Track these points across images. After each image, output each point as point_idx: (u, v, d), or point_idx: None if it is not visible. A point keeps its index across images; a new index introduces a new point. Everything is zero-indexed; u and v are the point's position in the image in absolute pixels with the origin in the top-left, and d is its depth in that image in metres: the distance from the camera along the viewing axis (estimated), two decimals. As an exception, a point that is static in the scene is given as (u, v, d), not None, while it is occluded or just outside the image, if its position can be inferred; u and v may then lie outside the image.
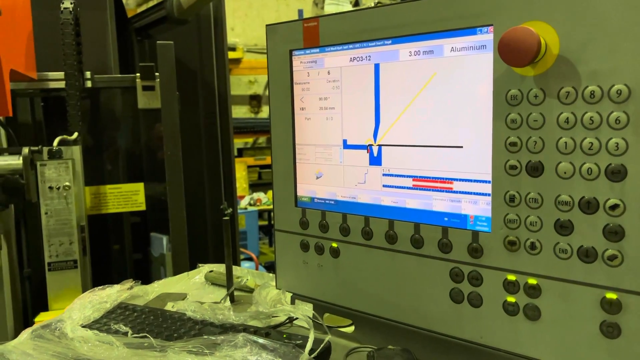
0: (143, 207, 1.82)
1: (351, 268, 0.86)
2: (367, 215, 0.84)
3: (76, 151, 1.58)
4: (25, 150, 1.44)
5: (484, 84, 0.71)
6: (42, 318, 1.37)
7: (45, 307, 1.55)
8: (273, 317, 0.86)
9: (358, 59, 0.83)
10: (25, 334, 0.82)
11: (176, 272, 1.40)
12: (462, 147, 0.74)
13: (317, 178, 0.89)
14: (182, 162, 1.69)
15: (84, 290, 1.53)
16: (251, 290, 1.06)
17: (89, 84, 1.74)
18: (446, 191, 0.76)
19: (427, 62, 0.76)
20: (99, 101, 1.98)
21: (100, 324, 0.85)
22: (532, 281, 0.69)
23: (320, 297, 0.90)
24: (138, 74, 1.73)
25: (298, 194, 0.92)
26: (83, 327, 0.81)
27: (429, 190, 0.78)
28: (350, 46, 0.84)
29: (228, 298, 1.00)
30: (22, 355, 0.75)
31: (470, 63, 0.72)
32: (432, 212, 0.78)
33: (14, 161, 1.43)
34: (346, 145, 0.86)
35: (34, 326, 0.83)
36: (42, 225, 1.48)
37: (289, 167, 0.92)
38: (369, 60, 0.82)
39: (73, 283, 1.51)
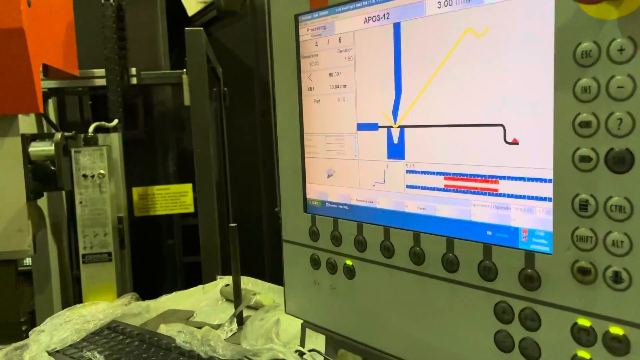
0: (191, 209, 1.72)
1: (369, 293, 0.66)
2: (387, 225, 0.63)
3: (114, 139, 1.51)
4: (58, 135, 1.37)
5: (540, 37, 0.48)
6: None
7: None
8: (258, 356, 0.69)
9: (374, 18, 0.63)
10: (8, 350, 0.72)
11: (205, 280, 1.28)
12: (508, 130, 0.52)
13: (328, 176, 0.70)
14: (237, 162, 1.57)
15: (119, 285, 1.45)
16: (267, 309, 0.89)
17: (134, 80, 1.67)
18: (489, 194, 0.54)
19: (461, 15, 0.54)
20: (150, 99, 1.91)
21: (76, 349, 0.72)
22: (617, 330, 0.45)
23: (334, 328, 0.71)
24: (184, 70, 1.63)
25: (307, 196, 0.73)
26: (51, 353, 0.69)
27: (466, 192, 0.56)
28: (365, 2, 0.64)
29: (235, 320, 0.84)
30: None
31: (520, 9, 0.50)
32: (471, 223, 0.56)
33: (47, 147, 1.36)
34: (360, 127, 0.66)
35: (10, 347, 0.72)
36: (77, 215, 1.41)
37: (296, 162, 0.74)
38: (387, 18, 0.62)
39: (108, 276, 1.43)
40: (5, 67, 1.21)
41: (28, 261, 1.63)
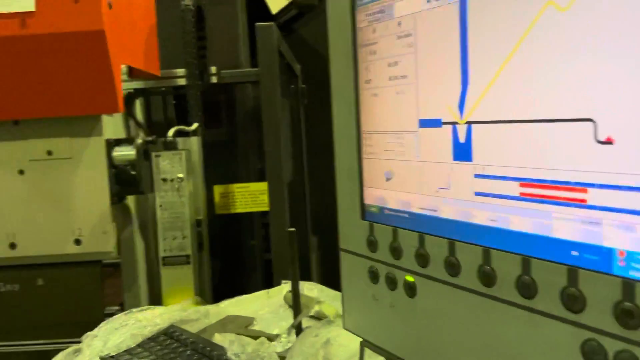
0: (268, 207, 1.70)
1: (432, 315, 0.58)
2: (452, 238, 0.55)
3: (194, 143, 1.52)
4: (139, 140, 1.40)
5: (642, 4, 0.37)
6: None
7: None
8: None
9: (437, -3, 0.54)
10: (63, 354, 0.72)
11: (277, 282, 1.24)
12: (600, 126, 0.41)
13: (387, 180, 0.63)
14: (318, 161, 1.53)
15: (197, 287, 1.47)
16: (330, 321, 0.83)
17: (214, 79, 1.68)
18: (575, 205, 0.44)
19: (540, -16, 0.44)
20: (231, 97, 1.92)
21: (130, 355, 0.71)
22: None
23: (394, 351, 0.63)
24: (263, 67, 1.60)
25: (365, 201, 0.66)
26: (104, 359, 0.68)
27: (547, 202, 0.46)
28: (427, -20, 0.55)
29: (293, 331, 0.79)
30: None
31: (615, -30, 0.39)
32: (552, 240, 0.46)
33: (128, 152, 1.40)
34: (422, 124, 0.57)
35: (70, 349, 0.73)
36: (157, 218, 1.44)
37: (353, 164, 0.66)
38: (452, -4, 0.52)
39: (185, 280, 1.44)
40: (87, 68, 1.25)
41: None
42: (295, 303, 0.79)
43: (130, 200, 1.52)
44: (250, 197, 1.73)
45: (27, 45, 1.23)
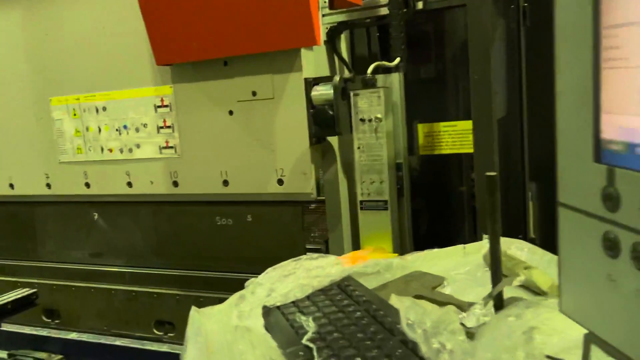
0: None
1: None
2: None
3: (395, 80, 1.39)
4: (336, 78, 1.32)
5: None
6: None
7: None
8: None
9: None
10: (233, 298, 0.69)
11: (477, 238, 1.05)
12: None
13: (642, 101, 0.40)
14: (540, 94, 1.27)
15: (396, 235, 1.37)
16: (543, 293, 0.63)
17: (419, 5, 1.49)
18: None
19: None
20: (439, 27, 1.71)
21: (296, 308, 0.63)
22: None
23: (636, 356, 0.42)
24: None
25: (602, 135, 0.44)
26: (268, 308, 0.61)
27: None
28: None
29: (491, 302, 0.61)
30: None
31: None
32: None
33: (327, 91, 1.34)
34: None
35: (235, 295, 0.69)
36: (355, 161, 1.37)
37: (585, 78, 0.44)
38: None
39: (383, 226, 1.36)
40: (284, 2, 1.20)
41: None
42: (494, 266, 0.61)
43: (334, 140, 1.48)
44: (457, 136, 1.55)
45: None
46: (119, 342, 1.59)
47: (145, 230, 1.64)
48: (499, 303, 0.62)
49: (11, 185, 1.75)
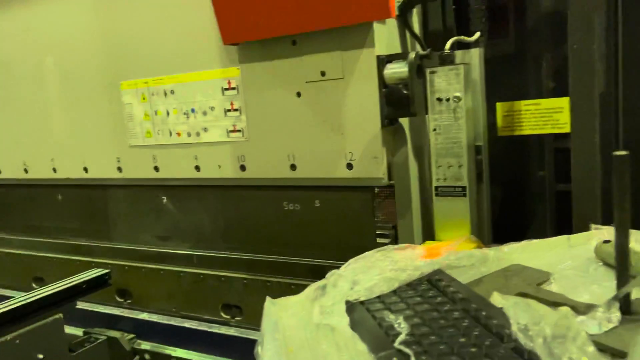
0: (567, 129, 1.37)
1: None
2: None
3: (475, 56, 1.29)
4: (412, 55, 1.24)
5: None
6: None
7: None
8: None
9: None
10: (311, 290, 0.64)
11: (576, 228, 0.94)
12: None
13: None
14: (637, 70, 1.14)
15: (475, 224, 1.28)
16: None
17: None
18: None
19: None
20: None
21: (382, 305, 0.57)
22: None
23: None
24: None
25: None
26: (352, 303, 0.56)
27: None
28: None
29: (616, 305, 0.53)
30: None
31: None
32: None
33: (400, 69, 1.26)
34: None
35: (316, 284, 0.64)
36: (430, 143, 1.29)
37: None
38: None
39: (461, 214, 1.27)
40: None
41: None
42: (621, 262, 0.53)
43: (405, 121, 1.40)
44: (541, 116, 1.43)
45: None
46: (187, 324, 1.60)
47: (212, 214, 1.64)
48: (626, 306, 0.53)
49: (85, 169, 1.79)
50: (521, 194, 1.59)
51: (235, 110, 1.47)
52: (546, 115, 1.41)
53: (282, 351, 0.51)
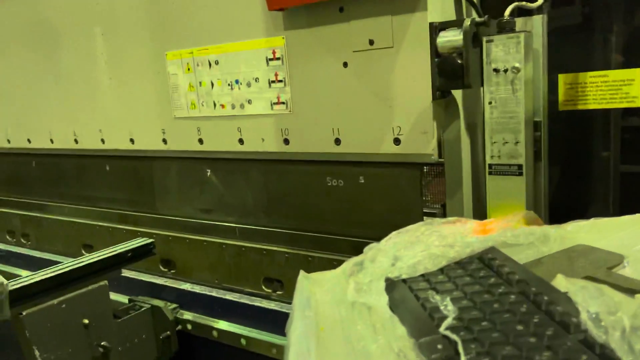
0: (638, 103, 1.26)
1: None
2: None
3: (537, 23, 1.19)
4: (467, 22, 1.15)
5: None
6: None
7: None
8: None
9: None
10: (348, 265, 0.60)
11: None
12: None
13: None
14: None
15: (531, 205, 1.20)
16: None
17: None
18: None
19: None
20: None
21: (427, 284, 0.52)
22: None
23: None
24: None
25: None
26: (392, 281, 0.51)
27: None
28: None
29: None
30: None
31: None
32: None
33: (455, 37, 1.17)
34: None
35: (354, 259, 0.59)
36: (485, 118, 1.21)
37: None
38: None
39: (516, 194, 1.19)
40: None
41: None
42: None
43: (457, 94, 1.32)
44: (608, 89, 1.32)
45: None
46: (229, 296, 1.60)
47: (255, 188, 1.62)
48: None
49: (131, 140, 1.81)
50: (583, 174, 1.48)
51: (280, 81, 1.43)
52: (614, 88, 1.30)
53: (312, 331, 0.47)
